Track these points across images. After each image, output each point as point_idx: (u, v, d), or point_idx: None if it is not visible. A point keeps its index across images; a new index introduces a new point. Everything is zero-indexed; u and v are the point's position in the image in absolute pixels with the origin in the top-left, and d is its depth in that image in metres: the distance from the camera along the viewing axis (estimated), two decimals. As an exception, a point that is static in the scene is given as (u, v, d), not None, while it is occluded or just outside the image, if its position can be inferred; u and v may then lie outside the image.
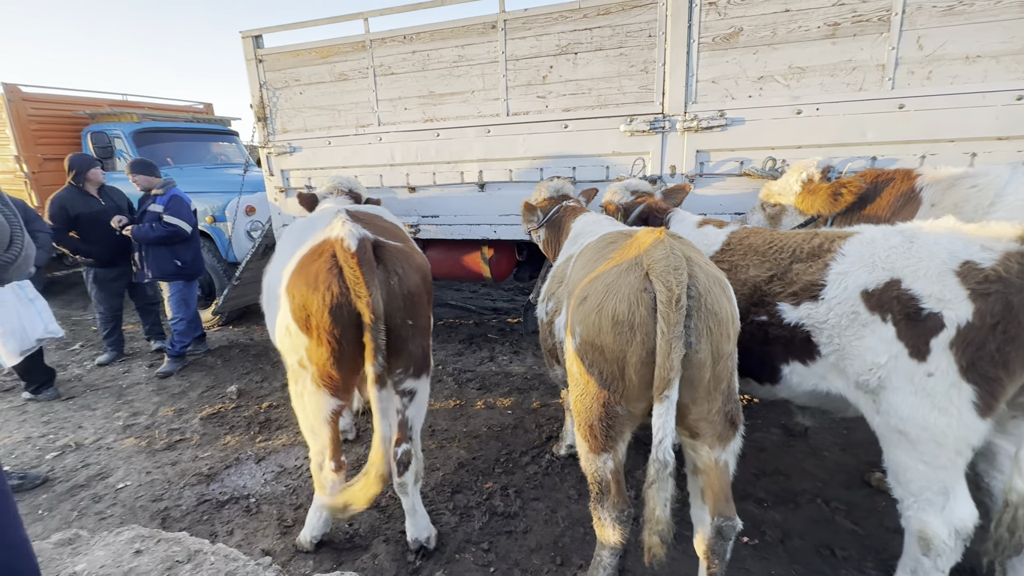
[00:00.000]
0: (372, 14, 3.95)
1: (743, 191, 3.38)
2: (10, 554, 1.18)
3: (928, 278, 1.57)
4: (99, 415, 4.00)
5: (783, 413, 3.44)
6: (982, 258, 1.52)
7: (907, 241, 1.67)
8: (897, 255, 1.65)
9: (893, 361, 1.62)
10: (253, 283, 5.60)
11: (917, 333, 1.57)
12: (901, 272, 1.62)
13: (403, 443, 2.23)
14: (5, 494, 1.19)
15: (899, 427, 1.64)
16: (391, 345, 2.10)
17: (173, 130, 7.18)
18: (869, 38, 2.92)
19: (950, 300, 1.52)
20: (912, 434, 1.61)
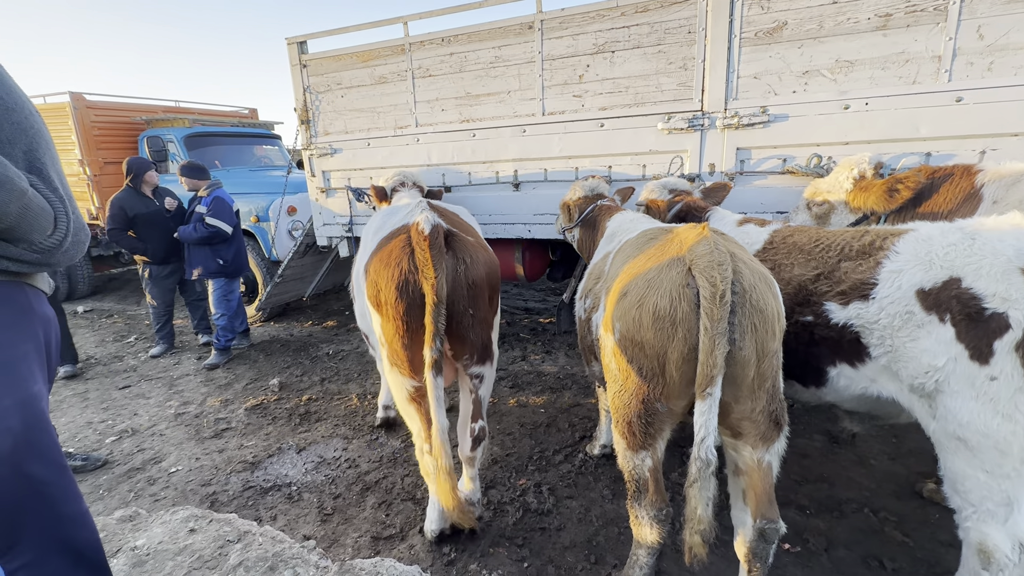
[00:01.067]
0: (412, 18, 4.04)
1: (785, 189, 3.28)
2: (70, 526, 1.25)
3: (992, 276, 1.49)
4: (152, 403, 4.23)
5: (827, 419, 3.32)
6: None
7: (968, 238, 1.59)
8: (957, 253, 1.57)
9: (952, 364, 1.54)
10: (294, 280, 5.82)
11: (979, 334, 1.49)
12: (961, 270, 1.54)
13: (478, 419, 2.38)
14: (64, 468, 1.26)
15: (958, 433, 1.56)
16: (453, 332, 2.17)
17: (221, 134, 7.52)
18: (924, 28, 2.79)
19: (1016, 300, 1.44)
20: (972, 441, 1.53)
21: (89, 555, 1.29)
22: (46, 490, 1.19)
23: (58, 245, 1.26)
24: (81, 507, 1.30)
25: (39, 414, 1.20)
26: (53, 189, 1.26)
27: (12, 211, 1.10)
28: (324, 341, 5.49)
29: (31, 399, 1.18)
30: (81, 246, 1.35)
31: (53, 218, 1.23)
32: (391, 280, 2.09)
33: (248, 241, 6.07)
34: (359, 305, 2.46)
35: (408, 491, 2.88)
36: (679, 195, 2.90)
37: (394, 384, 2.30)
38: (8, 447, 1.11)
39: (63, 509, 1.23)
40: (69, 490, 1.27)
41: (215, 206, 4.81)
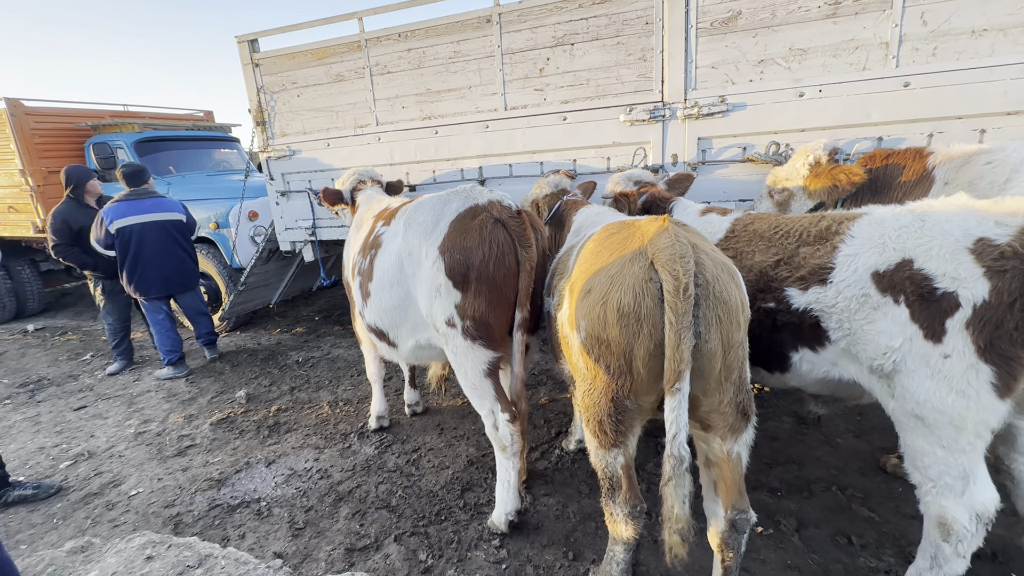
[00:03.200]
0: (367, 13, 3.92)
1: (747, 177, 3.33)
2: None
3: (941, 257, 1.52)
4: (111, 423, 4.02)
5: (794, 401, 3.40)
6: (997, 234, 1.47)
7: (918, 220, 1.62)
8: (908, 235, 1.61)
9: (907, 344, 1.58)
10: (259, 288, 5.63)
11: (932, 314, 1.53)
12: (913, 252, 1.58)
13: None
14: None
15: (915, 411, 1.60)
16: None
17: (174, 138, 7.19)
18: (871, 16, 2.86)
19: (965, 279, 1.48)
20: (929, 418, 1.58)
21: None
22: None
23: None
24: (1, 554, 1.19)
25: None
26: None
27: None
28: (293, 348, 5.34)
29: None
30: None
31: None
32: (488, 256, 2.22)
33: (209, 249, 5.84)
34: (401, 293, 2.51)
35: (383, 498, 2.81)
36: (644, 186, 2.90)
37: (469, 361, 2.34)
38: None
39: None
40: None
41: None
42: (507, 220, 2.26)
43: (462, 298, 2.25)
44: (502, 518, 2.43)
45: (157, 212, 4.67)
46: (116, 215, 4.51)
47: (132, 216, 4.55)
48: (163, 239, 4.67)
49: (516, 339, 2.30)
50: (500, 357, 2.36)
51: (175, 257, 4.76)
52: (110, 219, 4.50)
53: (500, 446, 2.40)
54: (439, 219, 2.35)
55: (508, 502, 2.43)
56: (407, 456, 3.21)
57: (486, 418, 2.42)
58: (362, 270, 2.76)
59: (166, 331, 4.81)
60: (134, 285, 4.65)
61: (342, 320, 6.14)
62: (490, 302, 2.24)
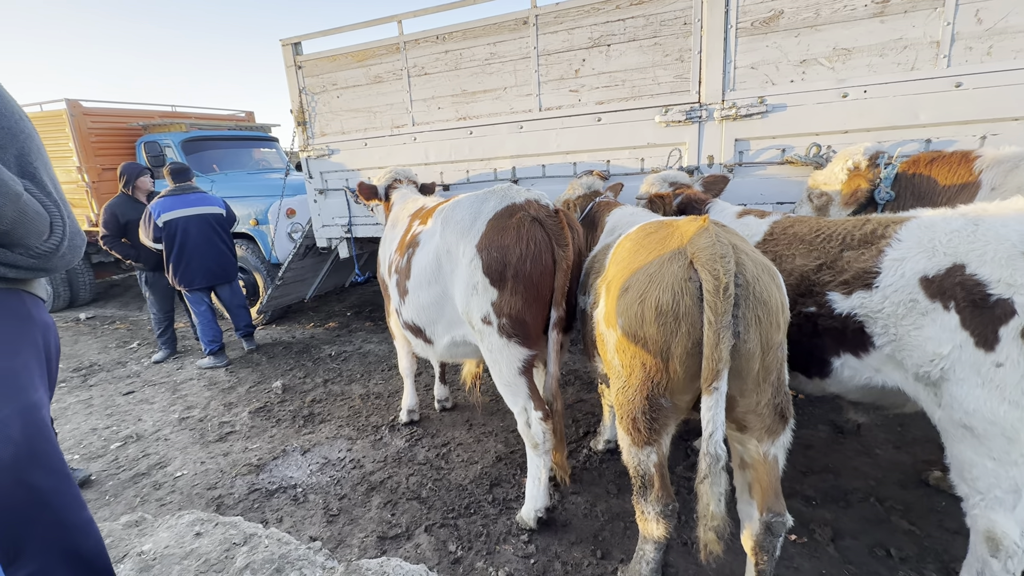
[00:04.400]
0: (406, 16, 4.02)
1: (785, 180, 3.27)
2: (75, 534, 1.24)
3: (996, 262, 1.47)
4: (157, 408, 4.23)
5: (831, 409, 3.31)
6: None
7: (971, 224, 1.57)
8: (960, 239, 1.56)
9: (957, 351, 1.53)
10: (295, 283, 5.82)
11: (984, 321, 1.48)
12: (965, 257, 1.53)
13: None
14: (67, 476, 1.25)
15: (964, 421, 1.55)
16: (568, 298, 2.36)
17: (218, 138, 7.50)
18: (922, 14, 2.77)
19: (1021, 285, 1.42)
20: (979, 428, 1.53)
21: (95, 563, 1.28)
22: (49, 499, 1.19)
23: (55, 250, 1.25)
24: (85, 515, 1.30)
25: (39, 422, 1.19)
26: (47, 193, 1.24)
27: (8, 215, 1.09)
28: (326, 342, 5.49)
29: (31, 407, 1.17)
30: (77, 251, 1.33)
31: (48, 223, 1.22)
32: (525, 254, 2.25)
33: (248, 244, 6.07)
34: (438, 290, 2.56)
35: (413, 490, 2.88)
36: (680, 188, 2.89)
37: (505, 358, 2.38)
38: (9, 456, 1.11)
39: (67, 517, 1.23)
40: (72, 498, 1.26)
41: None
42: (544, 219, 2.28)
43: (498, 296, 2.28)
44: (531, 514, 2.46)
45: (200, 206, 4.89)
46: (163, 209, 4.75)
47: (178, 210, 4.79)
48: (205, 232, 4.88)
49: (552, 338, 2.32)
50: (535, 355, 2.38)
51: (216, 249, 4.98)
52: (157, 213, 4.74)
53: (532, 443, 2.43)
54: (476, 218, 2.39)
55: (538, 499, 2.45)
56: (437, 450, 3.27)
57: (519, 415, 2.45)
58: (399, 268, 2.83)
59: (207, 322, 5.02)
60: (179, 276, 4.87)
61: (373, 316, 6.28)
62: (526, 300, 2.26)
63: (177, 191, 4.88)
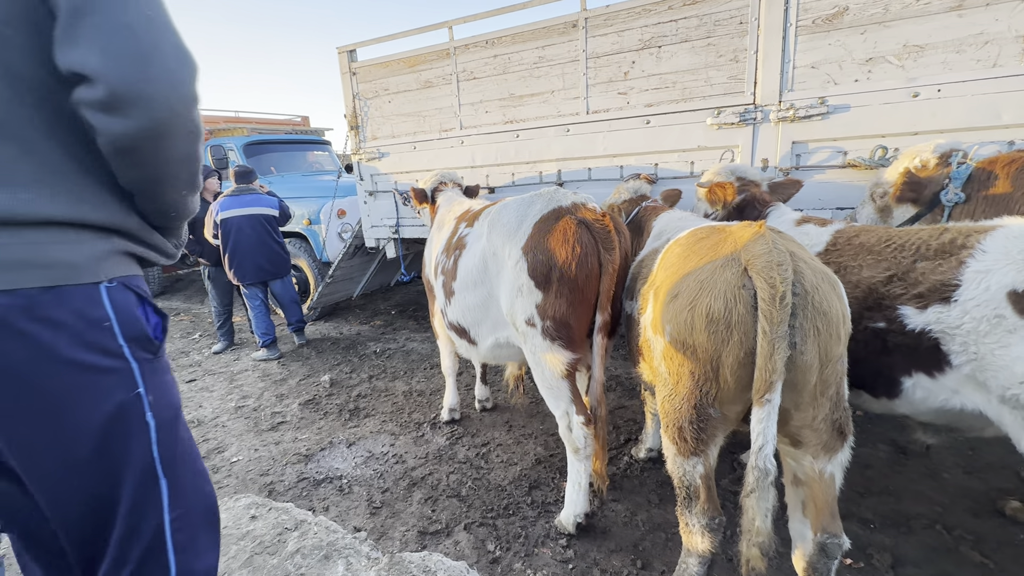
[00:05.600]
0: (456, 22, 4.10)
1: (846, 184, 3.11)
2: (203, 481, 1.33)
3: None
4: (215, 397, 4.49)
5: (892, 428, 3.12)
6: None
7: None
8: None
9: None
10: (344, 281, 6.04)
11: None
12: None
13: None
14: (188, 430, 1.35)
15: None
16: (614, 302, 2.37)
17: (276, 142, 7.90)
18: (1007, 6, 2.57)
19: None
20: None
21: (213, 511, 1.36)
22: (190, 448, 1.27)
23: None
24: (204, 466, 1.39)
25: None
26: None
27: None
28: (371, 339, 5.66)
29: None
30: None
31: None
32: (572, 257, 2.24)
33: (301, 243, 6.35)
34: (464, 298, 2.65)
35: (453, 488, 2.92)
36: (746, 184, 2.76)
37: (547, 361, 2.39)
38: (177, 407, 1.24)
39: (198, 465, 1.31)
40: (195, 449, 1.36)
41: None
42: (591, 222, 2.27)
43: (543, 298, 2.28)
44: (571, 519, 2.44)
45: (254, 207, 5.18)
46: (222, 208, 5.10)
47: (234, 209, 5.10)
48: (257, 230, 5.16)
49: (596, 342, 2.30)
50: (578, 359, 2.37)
51: (266, 247, 5.25)
52: (217, 211, 5.08)
53: (573, 448, 2.42)
54: (523, 220, 2.41)
55: (578, 504, 2.44)
56: (477, 449, 3.31)
57: (560, 419, 2.44)
58: (445, 269, 2.88)
59: (262, 316, 5.30)
60: (234, 271, 5.17)
61: (416, 315, 6.42)
62: (571, 303, 2.26)
63: (237, 192, 5.19)
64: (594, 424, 2.38)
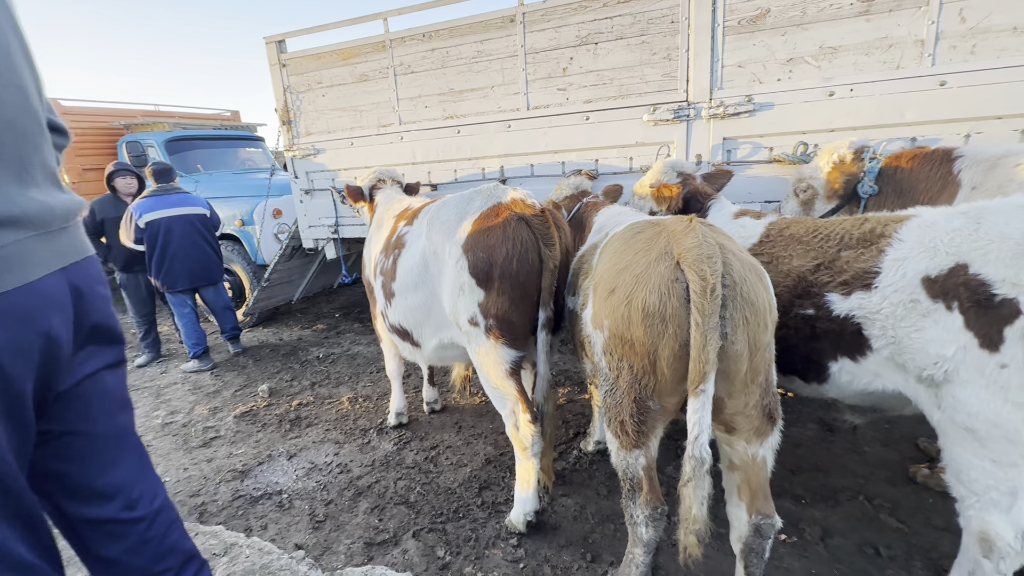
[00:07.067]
0: (391, 13, 3.97)
1: (773, 178, 3.27)
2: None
3: (1000, 261, 1.44)
4: (139, 414, 4.14)
5: (819, 408, 3.32)
6: None
7: (973, 222, 1.53)
8: (963, 238, 1.52)
9: (961, 353, 1.50)
10: (282, 284, 5.74)
11: (989, 321, 1.45)
12: (968, 256, 1.50)
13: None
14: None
15: (967, 424, 1.52)
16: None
17: (202, 138, 7.39)
18: (907, 13, 2.78)
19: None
20: (982, 431, 1.50)
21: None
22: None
23: None
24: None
25: None
26: None
27: None
28: (314, 344, 5.42)
29: None
30: None
31: None
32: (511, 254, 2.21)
33: (234, 245, 5.98)
34: (405, 300, 2.58)
35: (402, 494, 2.83)
36: (686, 178, 2.83)
37: (491, 360, 2.35)
38: None
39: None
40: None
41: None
42: (530, 218, 2.25)
43: (485, 296, 2.25)
44: (520, 518, 2.43)
45: (183, 207, 4.80)
46: (145, 209, 4.66)
47: (160, 210, 4.69)
48: (189, 233, 4.79)
49: (541, 339, 2.29)
50: (523, 356, 2.35)
51: (200, 251, 4.89)
52: (139, 213, 4.64)
53: (521, 447, 2.40)
54: (462, 217, 2.36)
55: (527, 502, 2.43)
56: (425, 453, 3.23)
57: (507, 418, 2.42)
58: (385, 270, 2.78)
59: (192, 325, 4.93)
60: (162, 278, 4.78)
61: (361, 317, 6.21)
62: (513, 300, 2.23)
63: (160, 191, 4.79)
64: (541, 422, 2.37)
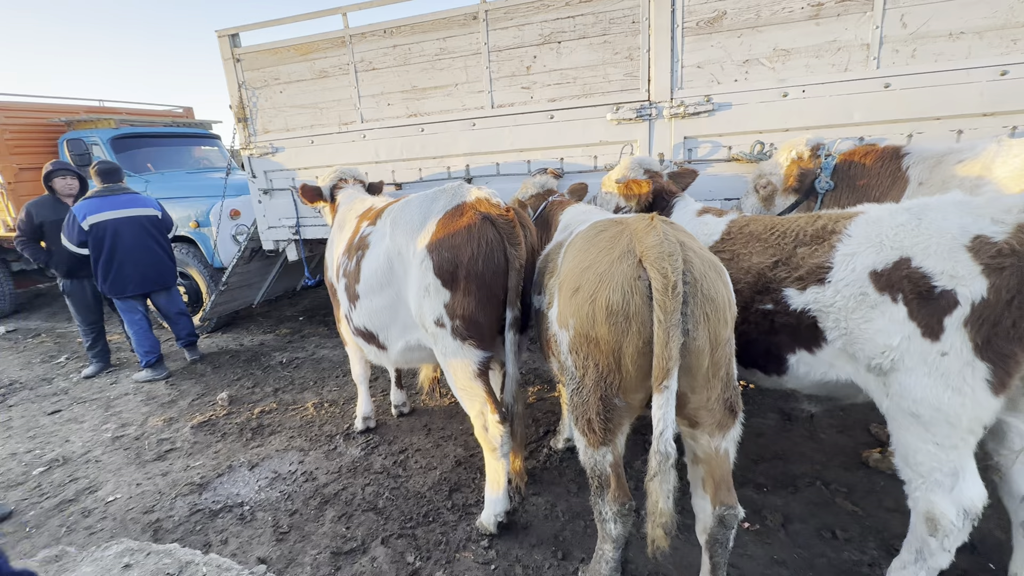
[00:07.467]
0: (351, 8, 3.87)
1: (733, 176, 3.36)
2: None
3: (939, 255, 1.52)
4: (87, 428, 3.91)
5: (780, 398, 3.44)
6: (994, 232, 1.48)
7: (915, 218, 1.62)
8: (905, 233, 1.61)
9: (906, 342, 1.58)
10: (241, 288, 5.53)
11: (930, 312, 1.53)
12: (911, 250, 1.58)
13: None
14: None
15: (912, 409, 1.60)
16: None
17: (153, 135, 7.03)
18: (853, 17, 2.90)
19: (963, 276, 1.48)
20: (925, 416, 1.58)
21: None
22: None
23: None
24: None
25: None
26: None
27: None
28: (277, 349, 5.25)
29: None
30: None
31: None
32: (477, 254, 2.18)
33: (189, 248, 5.72)
34: (370, 302, 2.53)
35: (370, 500, 2.77)
36: (653, 175, 2.86)
37: (459, 361, 2.32)
38: None
39: None
40: None
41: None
42: (495, 217, 2.23)
43: (451, 297, 2.22)
44: (491, 519, 2.41)
45: (133, 208, 4.55)
46: (89, 211, 4.39)
47: (106, 212, 4.42)
48: (140, 235, 4.55)
49: (508, 339, 2.27)
50: (490, 357, 2.33)
51: (152, 254, 4.65)
52: (82, 215, 4.37)
53: (490, 447, 2.38)
54: (426, 217, 2.32)
55: (497, 503, 2.41)
56: (394, 457, 3.17)
57: (475, 419, 2.39)
58: (348, 272, 2.71)
59: (143, 332, 4.69)
60: (109, 283, 4.51)
61: (327, 320, 6.06)
62: (479, 300, 2.21)
63: (106, 192, 4.52)
64: (511, 422, 2.36)
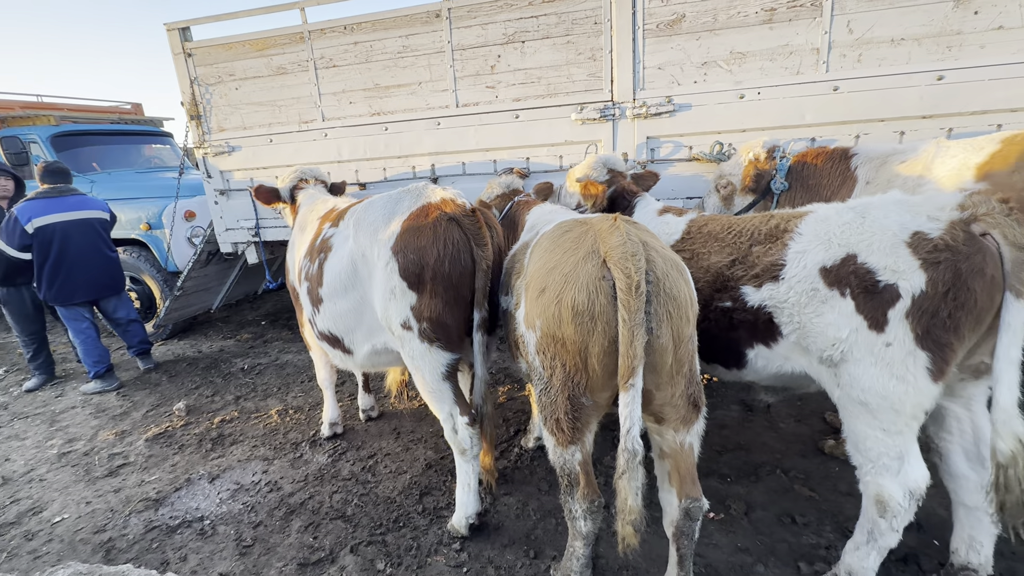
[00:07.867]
0: (309, 3, 3.76)
1: (694, 176, 3.44)
2: None
3: (882, 251, 1.61)
4: (29, 444, 3.67)
5: (741, 390, 3.55)
6: (930, 228, 1.57)
7: (859, 216, 1.71)
8: (851, 230, 1.69)
9: (854, 334, 1.66)
10: (198, 292, 5.30)
11: (875, 305, 1.61)
12: (856, 247, 1.66)
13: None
14: None
15: (861, 398, 1.69)
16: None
17: (98, 132, 6.65)
18: (804, 23, 3.02)
19: (904, 271, 1.57)
20: (872, 403, 1.67)
21: None
22: None
23: None
24: None
25: None
26: None
27: None
28: (238, 355, 5.07)
29: None
30: None
31: None
32: (443, 255, 2.17)
33: (140, 251, 5.44)
34: (334, 305, 2.49)
35: (338, 508, 2.71)
36: (616, 175, 2.90)
37: (427, 364, 2.29)
38: None
39: None
40: None
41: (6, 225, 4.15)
42: (461, 218, 2.21)
43: (418, 299, 2.19)
44: (462, 521, 2.40)
45: (82, 210, 4.29)
46: (34, 213, 4.11)
47: (54, 214, 4.15)
48: (90, 238, 4.30)
49: (477, 340, 2.26)
50: (458, 359, 2.32)
51: (104, 258, 4.40)
52: (26, 217, 4.09)
53: (460, 449, 2.37)
54: (391, 218, 2.28)
55: (468, 505, 2.40)
56: (362, 463, 3.11)
57: (445, 422, 2.37)
58: (310, 275, 2.64)
59: (91, 341, 4.44)
60: (55, 290, 4.24)
61: (291, 324, 5.89)
62: (447, 302, 2.19)
63: (52, 193, 4.24)
64: (480, 423, 2.35)
